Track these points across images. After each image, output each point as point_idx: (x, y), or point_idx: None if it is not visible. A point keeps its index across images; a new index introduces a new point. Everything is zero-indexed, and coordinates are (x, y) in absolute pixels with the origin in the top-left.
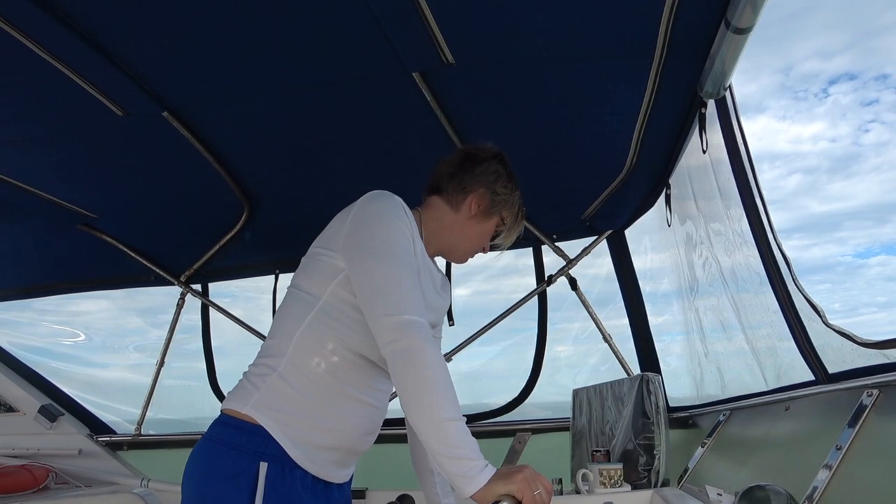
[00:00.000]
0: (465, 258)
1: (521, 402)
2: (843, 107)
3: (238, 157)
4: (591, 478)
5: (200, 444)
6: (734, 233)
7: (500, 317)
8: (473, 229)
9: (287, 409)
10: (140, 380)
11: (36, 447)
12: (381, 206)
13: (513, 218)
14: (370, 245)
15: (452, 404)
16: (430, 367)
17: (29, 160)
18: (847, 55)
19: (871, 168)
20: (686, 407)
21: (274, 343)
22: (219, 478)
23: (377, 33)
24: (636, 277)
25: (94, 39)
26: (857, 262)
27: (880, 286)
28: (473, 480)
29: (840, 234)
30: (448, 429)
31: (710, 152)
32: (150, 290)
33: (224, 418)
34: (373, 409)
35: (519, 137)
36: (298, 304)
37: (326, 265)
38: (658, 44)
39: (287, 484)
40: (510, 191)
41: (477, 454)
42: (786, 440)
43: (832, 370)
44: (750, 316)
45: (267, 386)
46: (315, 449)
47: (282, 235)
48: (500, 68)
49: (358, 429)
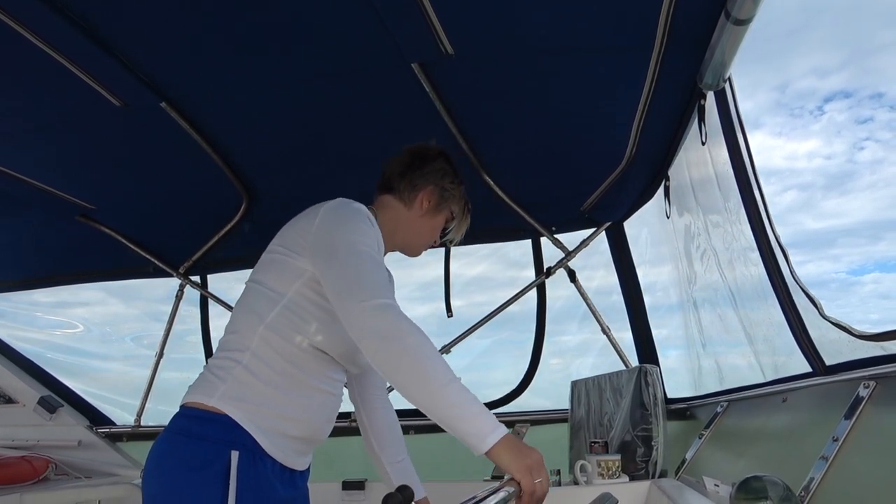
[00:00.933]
0: (419, 252)
1: (519, 394)
2: (839, 124)
3: (237, 149)
4: (589, 469)
5: (163, 439)
6: (733, 225)
7: (499, 308)
8: (426, 225)
9: (255, 399)
10: (138, 372)
11: (35, 438)
12: (347, 212)
13: (460, 211)
14: (341, 246)
15: (445, 368)
16: (417, 339)
17: (27, 151)
18: (843, 73)
19: (866, 185)
20: (684, 398)
21: (236, 337)
22: (188, 469)
23: (376, 24)
24: (635, 269)
25: (93, 30)
26: (850, 280)
27: (873, 303)
28: (486, 438)
29: (834, 251)
30: (449, 393)
31: (709, 144)
32: (148, 281)
33: (188, 411)
34: (332, 397)
35: (518, 129)
36: (261, 300)
37: (289, 265)
38: (658, 35)
39: (259, 472)
40: (456, 186)
41: (482, 409)
42: (783, 432)
43: (829, 362)
44: (748, 308)
45: (233, 378)
46: (282, 437)
47: (280, 227)
48: (500, 59)
49: (320, 417)
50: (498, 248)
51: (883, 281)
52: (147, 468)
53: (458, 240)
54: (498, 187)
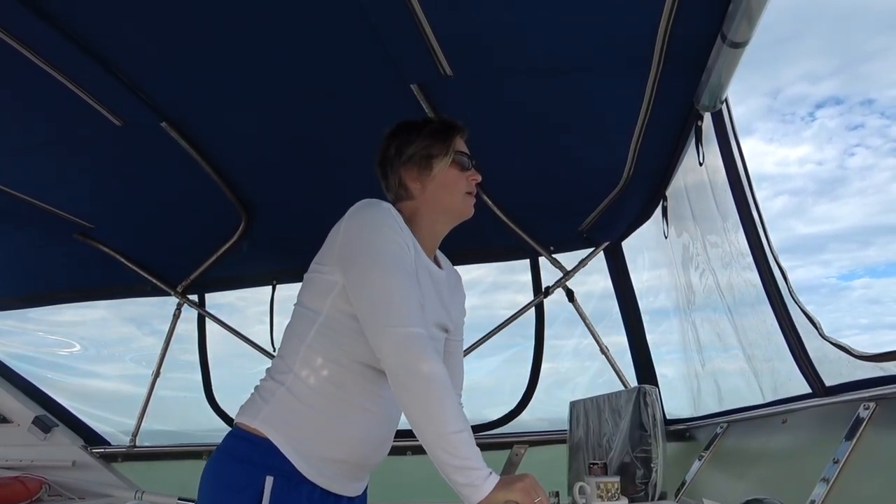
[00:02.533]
0: (463, 210)
1: (517, 415)
2: (830, 130)
3: (236, 168)
4: (588, 491)
5: (213, 456)
6: (731, 245)
7: (497, 329)
8: (436, 192)
9: (295, 422)
10: (135, 391)
11: (29, 458)
12: (370, 215)
13: (439, 142)
14: (362, 255)
15: (456, 415)
16: (432, 380)
17: (26, 169)
18: (834, 80)
19: (856, 191)
20: (683, 419)
21: (281, 359)
22: (226, 490)
23: (376, 45)
24: (633, 289)
25: (93, 49)
26: (840, 285)
27: (863, 308)
28: (479, 489)
29: (825, 256)
30: (453, 440)
31: (706, 165)
32: (146, 300)
33: (236, 431)
34: (381, 418)
35: (516, 149)
36: (302, 321)
37: (323, 281)
38: (655, 57)
39: (293, 499)
40: (413, 142)
41: (481, 463)
42: (783, 453)
43: (829, 383)
44: (747, 328)
45: (276, 400)
46: (324, 462)
47: (279, 246)
48: (498, 80)
49: (367, 441)
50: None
51: (872, 286)
52: (200, 482)
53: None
54: (496, 207)
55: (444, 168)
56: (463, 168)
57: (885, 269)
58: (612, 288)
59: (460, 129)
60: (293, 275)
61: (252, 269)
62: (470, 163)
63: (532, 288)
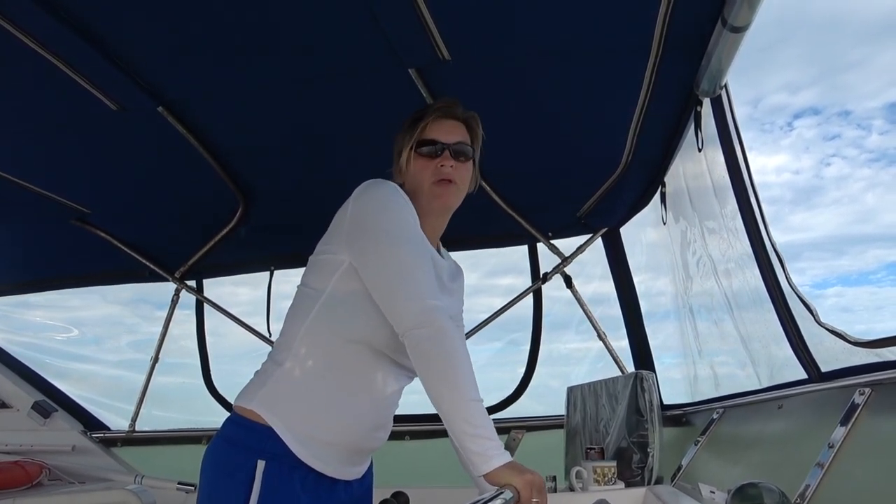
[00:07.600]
0: (433, 202)
1: (515, 400)
2: (807, 140)
3: (234, 153)
4: (585, 475)
5: (212, 441)
6: (729, 231)
7: (495, 315)
8: (411, 186)
9: (290, 402)
10: (133, 376)
11: (29, 443)
12: (378, 193)
13: (406, 133)
14: (376, 231)
15: (475, 385)
16: (458, 349)
17: (22, 155)
18: (813, 90)
19: (832, 201)
20: (680, 405)
21: (282, 340)
22: (222, 474)
23: (374, 30)
24: (631, 275)
25: (90, 34)
26: (814, 293)
27: (835, 316)
28: (490, 461)
29: (800, 264)
30: (472, 408)
31: (705, 150)
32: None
33: (233, 416)
34: (377, 402)
35: (514, 134)
36: (304, 300)
37: (328, 262)
38: (654, 41)
39: (285, 483)
40: (397, 136)
41: (495, 436)
42: (779, 438)
43: (825, 369)
44: (744, 314)
45: (272, 381)
46: (319, 445)
47: (277, 232)
48: (497, 65)
49: (361, 423)
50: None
51: (844, 294)
52: (200, 469)
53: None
54: (494, 193)
55: (409, 160)
56: (430, 156)
57: (856, 279)
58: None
59: (433, 111)
60: (291, 261)
61: (250, 255)
62: (439, 149)
63: (530, 273)
